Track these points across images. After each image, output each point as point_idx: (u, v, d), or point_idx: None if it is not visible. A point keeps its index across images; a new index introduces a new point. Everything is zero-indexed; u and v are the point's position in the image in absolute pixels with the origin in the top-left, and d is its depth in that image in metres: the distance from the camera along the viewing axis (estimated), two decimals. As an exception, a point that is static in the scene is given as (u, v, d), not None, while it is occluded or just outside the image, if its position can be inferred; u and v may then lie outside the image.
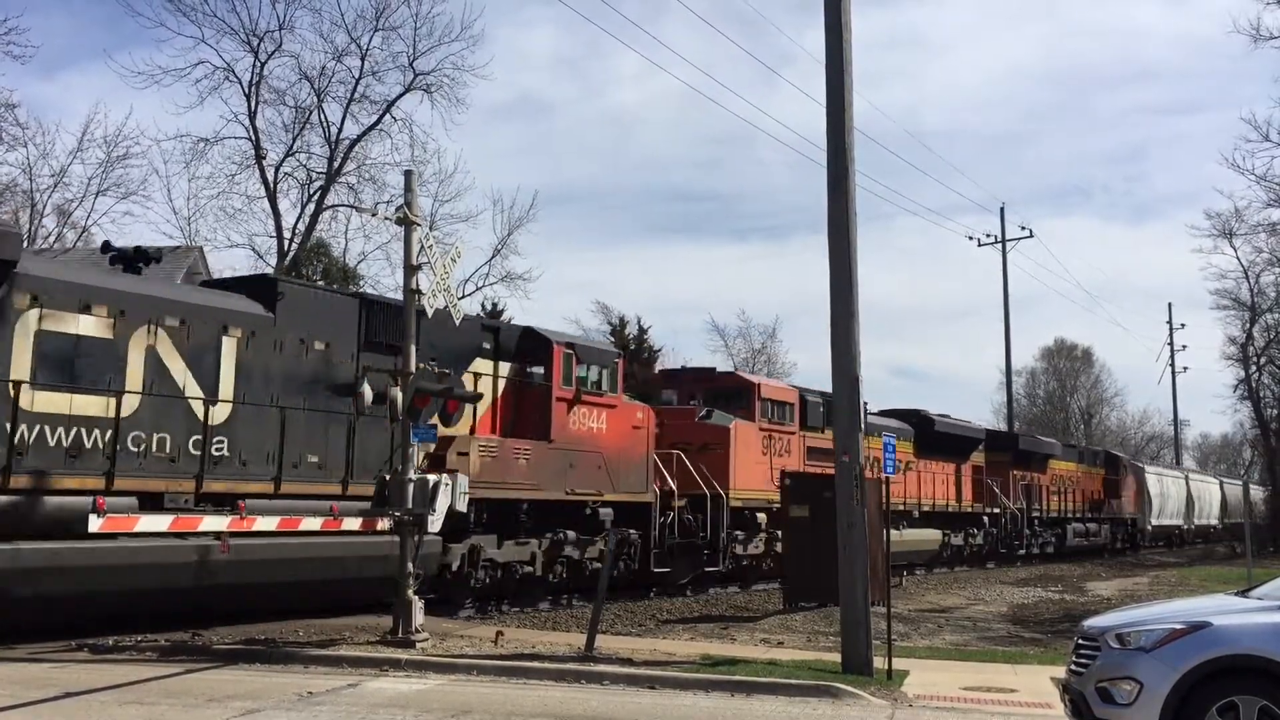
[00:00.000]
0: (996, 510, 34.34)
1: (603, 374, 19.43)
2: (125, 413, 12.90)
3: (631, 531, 19.77)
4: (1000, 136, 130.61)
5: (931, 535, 29.65)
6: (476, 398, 15.78)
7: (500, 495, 16.72)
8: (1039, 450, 38.50)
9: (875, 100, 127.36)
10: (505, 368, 18.11)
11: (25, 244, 17.62)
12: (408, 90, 34.12)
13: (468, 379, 16.93)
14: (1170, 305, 78.53)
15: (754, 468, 23.01)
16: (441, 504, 13.26)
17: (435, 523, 13.30)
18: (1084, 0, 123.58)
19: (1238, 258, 49.19)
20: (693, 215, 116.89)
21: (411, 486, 13.11)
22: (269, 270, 32.31)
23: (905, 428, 29.26)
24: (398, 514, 13.19)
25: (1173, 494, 54.74)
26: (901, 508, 27.21)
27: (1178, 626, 7.61)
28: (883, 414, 30.44)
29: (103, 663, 11.47)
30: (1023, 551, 35.74)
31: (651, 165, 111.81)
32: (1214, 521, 64.69)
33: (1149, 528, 49.90)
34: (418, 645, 12.62)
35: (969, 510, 32.98)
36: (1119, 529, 46.36)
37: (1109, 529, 44.39)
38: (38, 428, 12.19)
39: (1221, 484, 68.53)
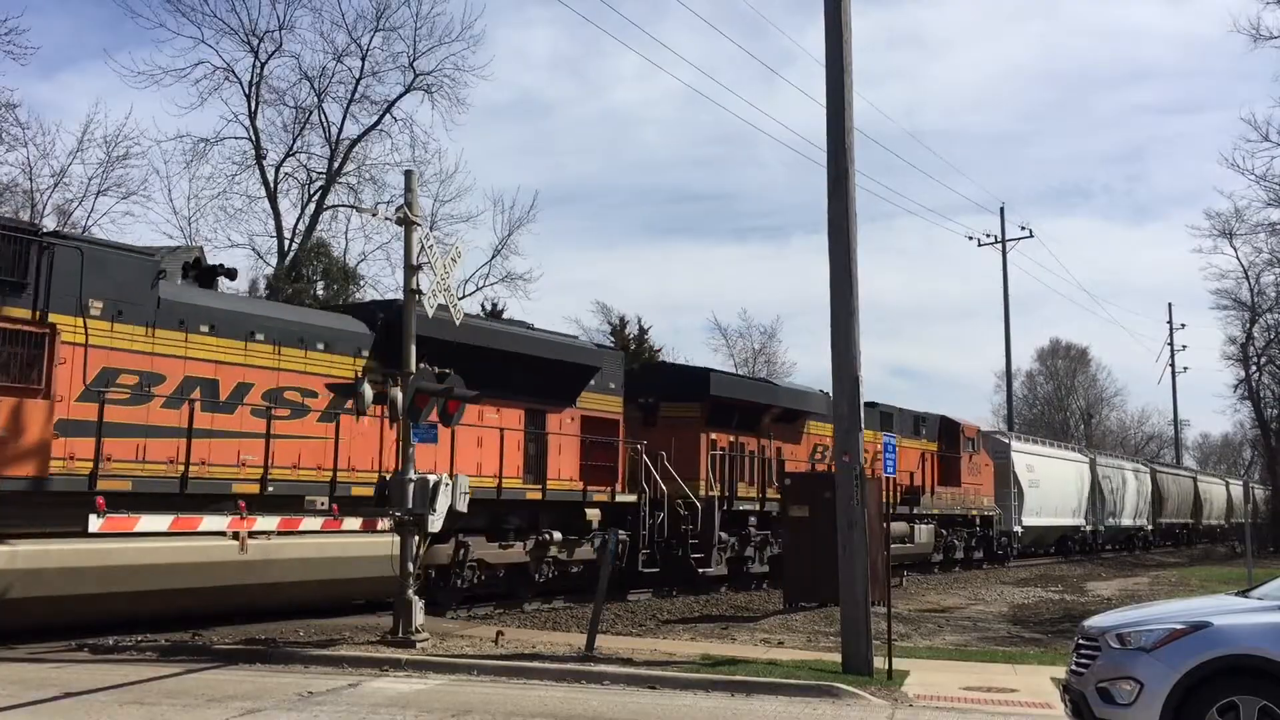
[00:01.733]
0: (634, 498, 20.17)
1: None
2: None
3: None
4: (1000, 136, 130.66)
5: (367, 545, 14.87)
6: (475, 398, 15.68)
7: None
8: (773, 403, 24.01)
9: (875, 100, 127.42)
10: None
11: None
12: (408, 90, 34.20)
13: None
14: (1170, 305, 78.46)
15: None
16: (442, 504, 13.27)
17: (435, 522, 13.31)
18: (1084, 0, 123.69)
19: (1238, 258, 49.34)
20: (693, 215, 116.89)
21: (411, 486, 13.11)
22: (269, 269, 32.33)
23: (351, 330, 16.05)
24: (398, 514, 13.19)
25: (1060, 483, 39.82)
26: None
27: (1178, 626, 7.61)
28: (340, 309, 18.89)
29: (103, 663, 11.48)
30: (710, 570, 21.28)
31: (651, 165, 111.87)
32: (1141, 522, 49.95)
33: (1018, 529, 35.78)
34: (418, 645, 12.63)
35: (563, 494, 18.73)
36: (960, 531, 31.68)
37: (932, 531, 29.27)
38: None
39: (1154, 474, 52.95)
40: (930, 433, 31.00)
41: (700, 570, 21.21)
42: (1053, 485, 38.83)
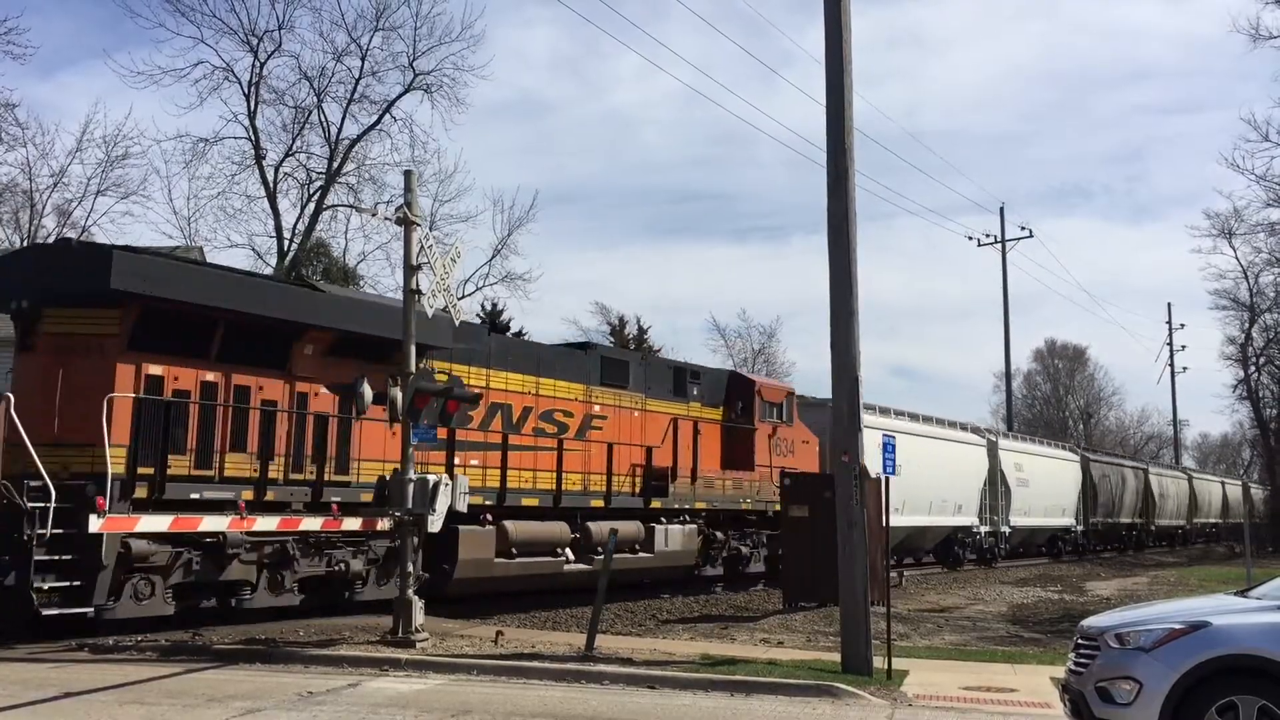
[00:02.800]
0: None
1: None
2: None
3: None
4: (1000, 136, 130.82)
5: None
6: (476, 398, 15.71)
7: None
8: (312, 321, 14.95)
9: (875, 100, 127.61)
10: None
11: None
12: (408, 90, 34.22)
13: None
14: (1170, 305, 78.48)
15: None
16: (442, 504, 13.28)
17: (435, 523, 13.32)
18: (1084, 0, 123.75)
19: (1237, 258, 49.39)
20: (693, 215, 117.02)
21: (411, 486, 13.12)
22: (269, 269, 32.33)
23: None
24: (398, 514, 13.21)
25: (939, 470, 29.45)
26: None
27: (1177, 626, 7.62)
28: None
29: (103, 663, 11.48)
30: (93, 611, 12.36)
31: (651, 165, 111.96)
32: (1065, 521, 39.72)
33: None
34: (418, 645, 12.63)
35: None
36: (758, 534, 23.00)
37: (692, 534, 20.68)
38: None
39: (1086, 463, 42.09)
40: (709, 394, 22.59)
41: (48, 613, 11.90)
42: (926, 473, 28.65)
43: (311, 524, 14.39)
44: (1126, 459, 53.85)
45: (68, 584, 12.10)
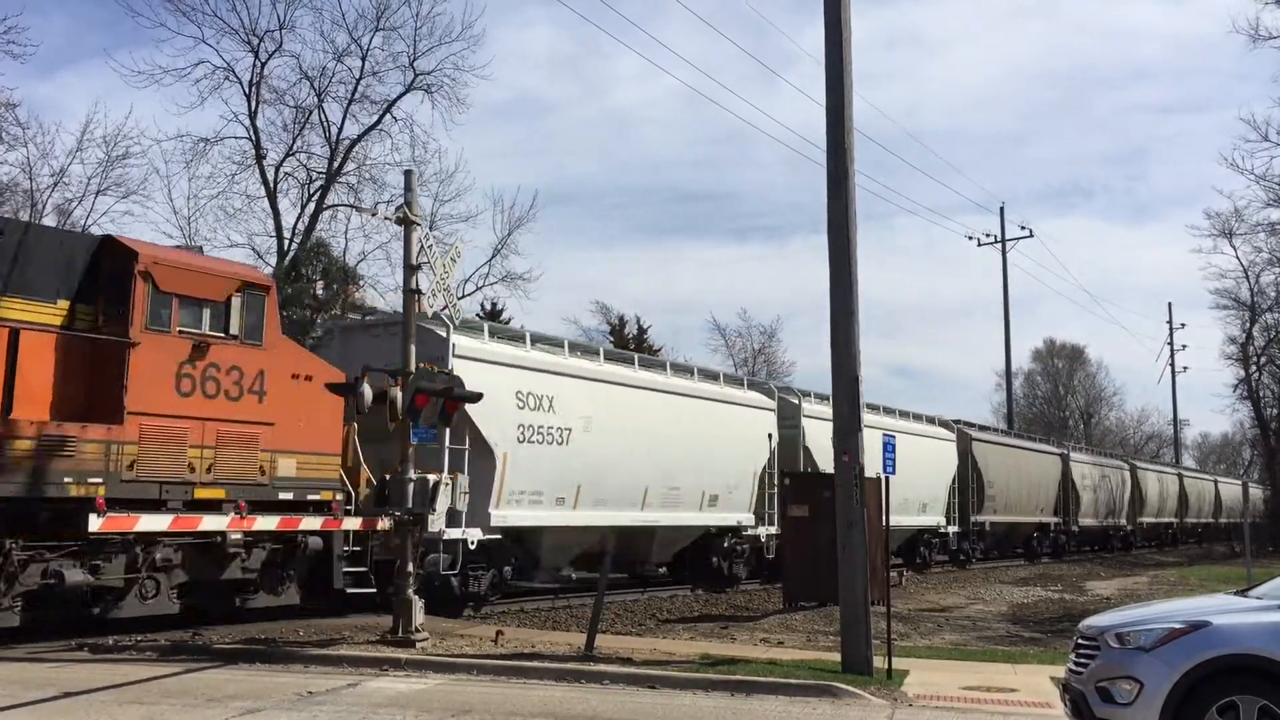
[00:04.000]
0: None
1: None
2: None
3: None
4: (1000, 136, 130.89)
5: None
6: (477, 397, 15.65)
7: None
8: None
9: (875, 100, 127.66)
10: None
11: None
12: (408, 90, 34.08)
13: None
14: (1170, 305, 78.52)
15: None
16: (441, 504, 13.27)
17: (436, 522, 13.32)
18: (1083, 0, 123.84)
19: (1237, 257, 49.33)
20: (693, 215, 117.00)
21: (411, 486, 13.12)
22: (269, 269, 32.35)
23: None
24: (398, 514, 13.20)
25: (667, 440, 19.51)
26: None
27: (1177, 626, 7.60)
28: None
29: (103, 662, 11.48)
30: None
31: (651, 165, 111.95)
32: (931, 520, 30.18)
33: (448, 531, 15.28)
34: (418, 645, 12.63)
35: None
36: (136, 550, 12.55)
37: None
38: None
39: (966, 442, 33.00)
40: (37, 278, 12.73)
41: None
42: (672, 449, 19.50)
43: (311, 523, 14.39)
44: (1040, 443, 42.30)
45: None
